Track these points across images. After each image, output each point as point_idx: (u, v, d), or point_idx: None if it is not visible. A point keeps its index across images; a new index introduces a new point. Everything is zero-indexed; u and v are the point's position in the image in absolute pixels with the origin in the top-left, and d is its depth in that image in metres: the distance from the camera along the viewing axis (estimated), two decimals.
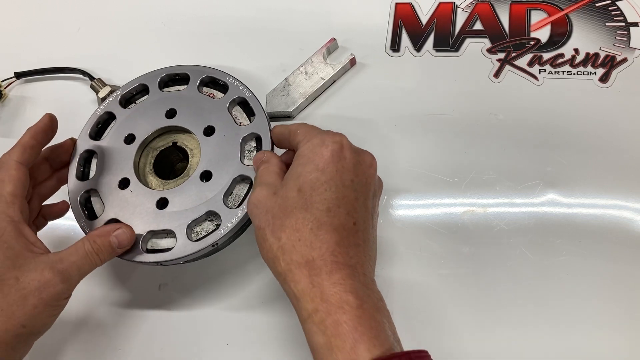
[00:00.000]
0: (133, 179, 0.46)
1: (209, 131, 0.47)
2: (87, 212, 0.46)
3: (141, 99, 0.50)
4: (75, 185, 0.47)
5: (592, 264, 0.43)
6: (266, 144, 0.45)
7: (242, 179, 0.45)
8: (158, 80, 0.50)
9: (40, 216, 0.47)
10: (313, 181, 0.37)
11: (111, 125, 0.49)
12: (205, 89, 0.50)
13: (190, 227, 0.43)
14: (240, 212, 0.43)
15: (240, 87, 0.48)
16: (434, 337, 0.43)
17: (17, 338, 0.37)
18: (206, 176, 0.45)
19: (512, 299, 0.43)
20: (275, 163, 0.41)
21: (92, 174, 0.47)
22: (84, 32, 0.65)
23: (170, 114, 0.48)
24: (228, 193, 0.44)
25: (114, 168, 0.47)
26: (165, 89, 0.50)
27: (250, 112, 0.47)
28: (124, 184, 0.46)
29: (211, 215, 0.44)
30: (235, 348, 0.45)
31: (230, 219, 0.43)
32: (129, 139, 0.48)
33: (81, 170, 0.48)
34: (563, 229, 0.45)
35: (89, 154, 0.48)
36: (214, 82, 0.50)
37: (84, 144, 0.48)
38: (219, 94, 0.49)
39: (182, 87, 0.50)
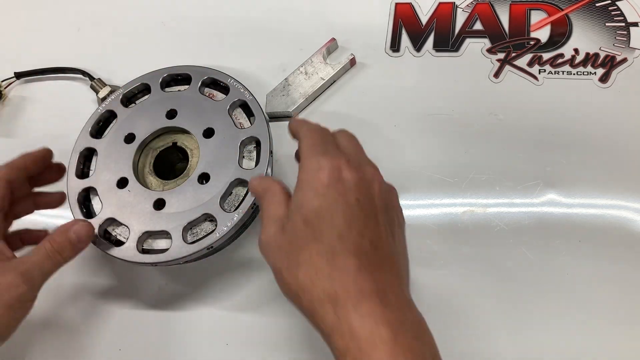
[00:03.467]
0: (132, 179, 0.46)
1: (208, 133, 0.47)
2: (85, 210, 0.46)
3: (142, 99, 0.50)
4: (74, 183, 0.47)
5: (592, 264, 0.44)
6: (265, 147, 0.45)
7: (239, 182, 0.45)
8: (160, 80, 0.50)
9: (17, 239, 0.47)
10: (317, 209, 0.34)
11: (112, 123, 0.49)
12: (206, 90, 0.50)
13: (186, 229, 0.43)
14: (236, 216, 0.43)
15: (242, 90, 0.48)
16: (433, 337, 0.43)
17: None
18: (204, 178, 0.45)
19: (512, 298, 0.43)
20: (278, 191, 0.38)
21: (91, 172, 0.47)
22: (84, 32, 0.65)
23: (171, 114, 0.48)
24: (225, 196, 0.44)
25: (113, 167, 0.47)
26: (166, 89, 0.50)
27: (250, 115, 0.47)
28: (122, 183, 0.46)
29: (208, 217, 0.44)
30: (235, 348, 0.45)
31: (227, 223, 0.43)
32: (129, 138, 0.48)
33: (81, 168, 0.48)
34: (563, 229, 0.45)
35: (89, 152, 0.48)
36: (215, 83, 0.50)
37: (85, 141, 0.48)
38: (220, 96, 0.49)
39: (183, 88, 0.50)
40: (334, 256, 0.33)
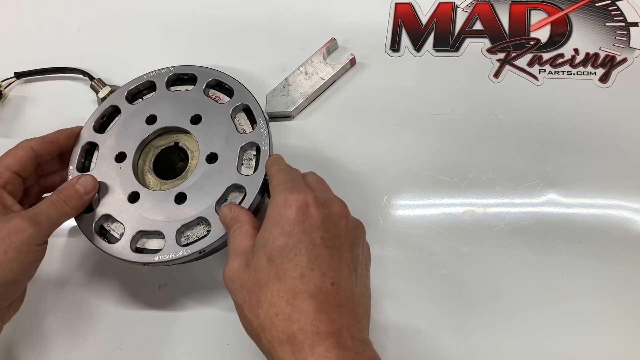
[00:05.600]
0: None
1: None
2: None
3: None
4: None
5: (592, 264, 0.43)
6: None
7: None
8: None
9: None
10: (282, 247, 0.35)
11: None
12: (211, 92, 0.49)
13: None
14: None
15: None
16: (433, 337, 0.43)
17: None
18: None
19: (512, 298, 0.43)
20: (246, 221, 0.39)
21: (92, 165, 0.47)
22: (84, 32, 0.65)
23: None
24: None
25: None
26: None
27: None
28: None
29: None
30: (235, 348, 0.45)
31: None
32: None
33: (82, 162, 0.48)
34: (563, 229, 0.45)
35: (90, 147, 0.48)
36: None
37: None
38: (225, 98, 0.49)
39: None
40: (294, 296, 0.33)
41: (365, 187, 0.49)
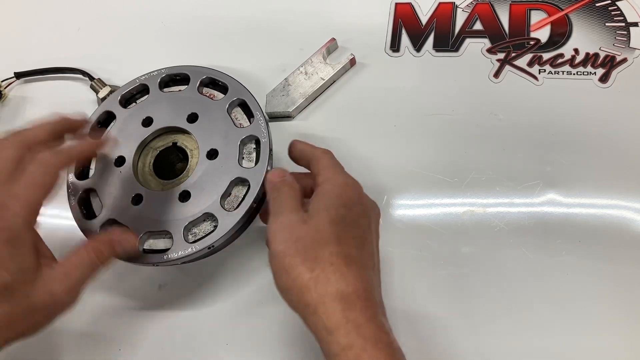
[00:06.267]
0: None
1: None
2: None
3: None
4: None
5: (592, 264, 0.44)
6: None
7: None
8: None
9: None
10: (344, 217, 0.38)
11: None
12: (205, 90, 0.50)
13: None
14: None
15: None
16: (433, 337, 0.43)
17: (9, 344, 0.37)
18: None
19: (512, 298, 0.43)
20: (297, 188, 0.41)
21: (91, 172, 0.47)
22: (84, 32, 0.65)
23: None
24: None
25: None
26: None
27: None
28: None
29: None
30: (235, 348, 0.45)
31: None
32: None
33: (80, 169, 0.48)
34: (563, 229, 0.45)
35: None
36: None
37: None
38: (219, 95, 0.49)
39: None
40: (350, 263, 0.36)
41: (365, 187, 0.49)
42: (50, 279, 0.37)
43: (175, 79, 0.51)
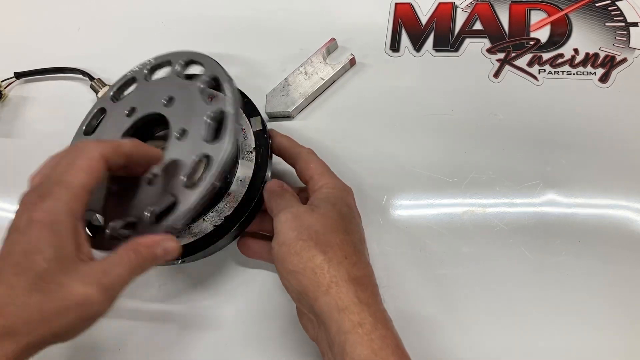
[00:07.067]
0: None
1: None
2: None
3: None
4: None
5: (591, 264, 0.43)
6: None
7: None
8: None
9: None
10: (348, 212, 0.41)
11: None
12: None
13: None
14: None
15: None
16: (433, 337, 0.43)
17: (44, 345, 0.34)
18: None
19: (512, 298, 0.43)
20: (297, 195, 0.44)
21: None
22: (84, 32, 0.65)
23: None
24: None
25: None
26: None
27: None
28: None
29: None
30: (235, 348, 0.45)
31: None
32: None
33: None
34: (563, 229, 0.45)
35: None
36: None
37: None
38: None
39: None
40: (357, 252, 0.39)
41: (365, 187, 0.49)
42: (87, 275, 0.34)
43: (160, 66, 0.50)
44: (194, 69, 0.49)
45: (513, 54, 0.53)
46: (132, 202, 0.42)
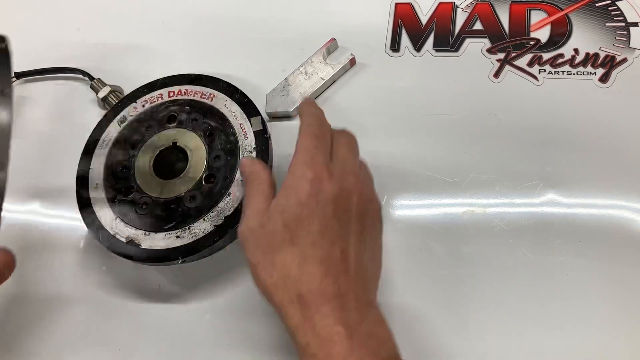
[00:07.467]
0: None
1: None
2: None
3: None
4: None
5: (592, 264, 0.43)
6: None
7: None
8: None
9: None
10: (297, 215, 0.37)
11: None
12: (207, 90, 0.50)
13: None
14: None
15: None
16: (433, 337, 0.43)
17: None
18: None
19: (512, 299, 0.43)
20: (264, 180, 0.41)
21: None
22: (83, 32, 0.65)
23: None
24: None
25: None
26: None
27: None
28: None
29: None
30: (236, 348, 0.45)
31: None
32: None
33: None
34: (563, 229, 0.45)
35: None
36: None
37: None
38: (219, 94, 0.49)
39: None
40: (305, 261, 0.36)
41: None
42: None
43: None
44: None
45: (513, 54, 0.53)
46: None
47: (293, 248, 0.36)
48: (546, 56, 0.53)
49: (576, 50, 0.53)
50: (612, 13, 0.54)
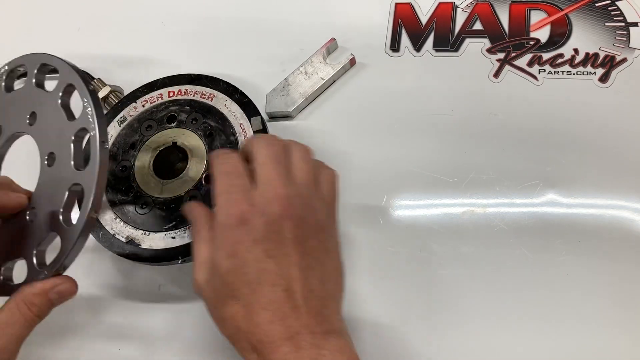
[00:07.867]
0: None
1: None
2: None
3: None
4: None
5: (592, 264, 0.44)
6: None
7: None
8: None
9: None
10: (230, 269, 0.35)
11: None
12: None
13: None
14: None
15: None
16: (432, 337, 0.43)
17: None
18: None
19: (512, 299, 0.43)
20: (202, 224, 0.38)
21: None
22: (83, 32, 0.65)
23: None
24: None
25: None
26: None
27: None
28: None
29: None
30: None
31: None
32: None
33: None
34: (563, 229, 0.45)
35: None
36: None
37: None
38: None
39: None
40: (249, 312, 0.34)
41: (365, 187, 0.49)
42: None
43: (22, 74, 0.45)
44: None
45: (513, 54, 0.53)
46: (17, 241, 0.40)
47: (235, 302, 0.35)
48: (546, 56, 0.53)
49: (576, 50, 0.53)
50: (612, 13, 0.54)
